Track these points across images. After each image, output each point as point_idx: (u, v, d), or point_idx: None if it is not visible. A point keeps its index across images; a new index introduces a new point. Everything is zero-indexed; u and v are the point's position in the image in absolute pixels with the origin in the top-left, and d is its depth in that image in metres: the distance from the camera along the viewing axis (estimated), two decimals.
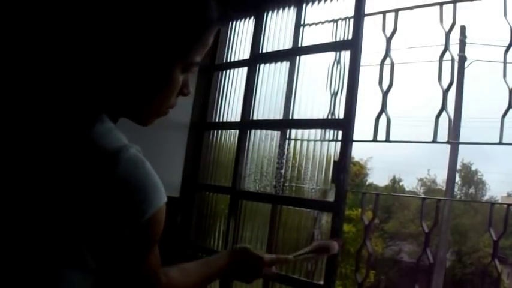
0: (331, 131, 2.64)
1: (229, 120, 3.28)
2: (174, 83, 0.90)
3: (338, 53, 2.67)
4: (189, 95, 0.96)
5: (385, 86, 2.57)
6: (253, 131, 3.05)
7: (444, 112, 2.41)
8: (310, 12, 2.91)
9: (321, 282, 2.48)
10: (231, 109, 3.28)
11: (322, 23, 2.83)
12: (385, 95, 2.56)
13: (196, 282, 1.14)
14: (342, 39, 2.67)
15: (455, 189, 17.36)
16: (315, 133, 2.73)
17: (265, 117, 3.01)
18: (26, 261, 0.80)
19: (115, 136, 0.83)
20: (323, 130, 2.68)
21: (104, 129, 0.82)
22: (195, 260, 1.23)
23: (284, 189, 2.86)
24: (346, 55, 2.61)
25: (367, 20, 2.59)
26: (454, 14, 2.41)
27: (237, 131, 3.11)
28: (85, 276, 0.83)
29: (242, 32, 3.32)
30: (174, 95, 0.92)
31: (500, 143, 2.18)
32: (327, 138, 2.66)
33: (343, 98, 2.57)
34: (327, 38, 2.75)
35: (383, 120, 2.54)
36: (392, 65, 2.56)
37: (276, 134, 2.94)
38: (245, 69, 3.17)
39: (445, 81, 2.44)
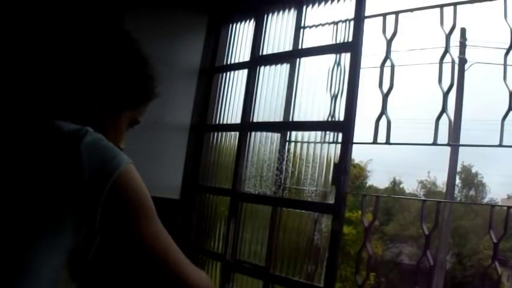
0: (331, 133, 2.64)
1: (229, 122, 3.28)
2: (121, 128, 1.06)
3: (338, 55, 2.67)
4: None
5: (385, 88, 2.57)
6: (253, 133, 3.05)
7: (444, 114, 2.41)
8: (311, 15, 2.91)
9: (321, 285, 2.47)
10: (231, 111, 3.28)
11: (323, 25, 2.83)
12: (385, 97, 2.56)
13: None
14: (342, 41, 2.67)
15: (456, 192, 17.36)
16: (315, 135, 2.73)
17: (266, 120, 3.01)
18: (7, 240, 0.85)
19: (71, 125, 0.95)
20: (323, 132, 2.68)
21: (62, 123, 0.95)
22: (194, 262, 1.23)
23: (284, 191, 2.85)
24: (346, 57, 2.61)
25: (367, 22, 2.60)
26: (454, 16, 2.41)
27: (237, 133, 3.11)
28: (60, 256, 0.87)
29: (242, 34, 3.32)
30: (117, 141, 1.05)
31: (500, 146, 2.18)
32: (327, 140, 2.66)
33: (344, 100, 2.57)
34: (327, 40, 2.76)
35: (383, 122, 2.54)
36: (392, 67, 2.56)
37: (276, 136, 2.94)
38: (245, 71, 3.17)
39: (445, 84, 2.44)
